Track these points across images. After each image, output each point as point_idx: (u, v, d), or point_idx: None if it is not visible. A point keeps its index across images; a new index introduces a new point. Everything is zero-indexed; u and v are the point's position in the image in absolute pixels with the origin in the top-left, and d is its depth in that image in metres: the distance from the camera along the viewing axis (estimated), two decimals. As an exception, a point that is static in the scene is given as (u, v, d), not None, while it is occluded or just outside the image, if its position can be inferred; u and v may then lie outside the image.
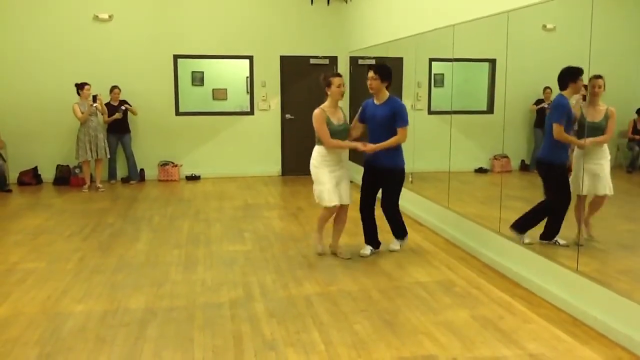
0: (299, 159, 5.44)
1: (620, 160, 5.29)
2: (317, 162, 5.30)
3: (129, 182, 9.85)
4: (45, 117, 9.67)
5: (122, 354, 3.52)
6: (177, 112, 10.27)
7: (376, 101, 5.36)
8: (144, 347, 3.60)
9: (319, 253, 5.58)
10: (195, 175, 10.27)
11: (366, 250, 5.55)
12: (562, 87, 4.73)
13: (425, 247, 5.86)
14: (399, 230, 5.70)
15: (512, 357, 3.47)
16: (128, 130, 9.77)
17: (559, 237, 4.79)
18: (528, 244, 4.86)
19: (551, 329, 3.87)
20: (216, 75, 11.47)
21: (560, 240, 4.78)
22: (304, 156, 5.42)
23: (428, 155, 7.25)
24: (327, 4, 10.38)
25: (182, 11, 10.02)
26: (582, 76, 4.53)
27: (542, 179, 5.01)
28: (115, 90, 9.53)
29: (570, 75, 4.62)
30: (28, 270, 5.09)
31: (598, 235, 4.80)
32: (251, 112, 10.58)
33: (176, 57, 10.12)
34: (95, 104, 9.02)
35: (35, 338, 3.72)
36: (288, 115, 10.54)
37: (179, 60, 10.18)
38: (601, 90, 4.61)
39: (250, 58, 10.40)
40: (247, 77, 10.77)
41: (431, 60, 7.64)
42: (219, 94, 11.45)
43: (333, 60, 10.54)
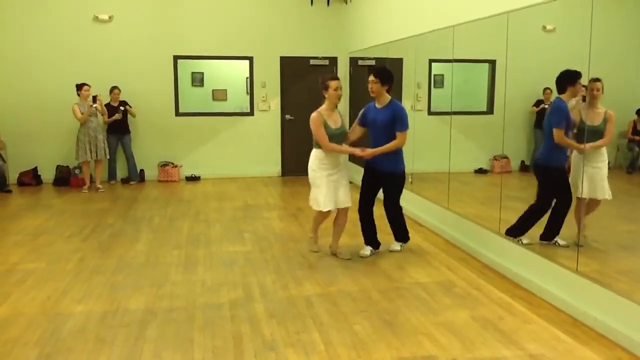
0: (299, 159, 5.43)
1: (620, 161, 5.29)
2: (315, 165, 5.29)
3: (129, 182, 9.85)
4: (45, 118, 9.67)
5: (122, 355, 3.52)
6: (177, 113, 10.27)
7: (377, 105, 5.36)
8: (143, 347, 3.61)
9: (314, 251, 5.62)
10: (195, 176, 10.28)
11: (366, 250, 5.55)
12: (560, 91, 4.72)
13: (425, 248, 5.86)
14: (401, 234, 5.70)
15: (512, 357, 3.47)
16: (128, 130, 9.78)
17: (559, 238, 4.80)
18: (527, 245, 4.86)
19: (551, 329, 3.88)
20: (216, 76, 11.47)
21: (560, 241, 4.78)
22: (303, 157, 5.42)
23: (428, 156, 7.25)
24: (327, 5, 10.39)
25: (182, 12, 10.03)
26: (580, 79, 4.52)
27: (538, 181, 5.01)
28: (115, 90, 9.53)
29: (569, 79, 4.61)
30: (28, 271, 5.09)
31: (597, 236, 4.80)
32: (251, 113, 10.58)
33: (176, 58, 10.12)
34: (95, 105, 9.02)
35: (35, 338, 3.72)
36: (288, 116, 10.54)
37: (179, 61, 10.19)
38: (599, 93, 4.59)
39: (250, 59, 10.41)
40: (247, 78, 10.77)
41: (431, 61, 7.64)
42: (218, 94, 11.45)
43: (333, 61, 10.54)
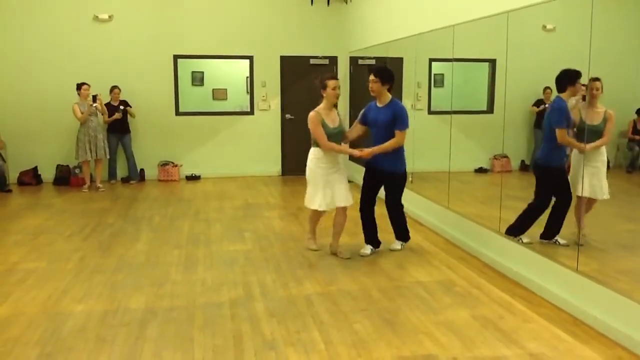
0: (299, 159, 5.43)
1: (620, 161, 5.29)
2: (312, 164, 5.30)
3: (129, 182, 9.85)
4: (45, 117, 9.67)
5: (122, 354, 3.52)
6: (177, 112, 10.27)
7: (378, 104, 5.37)
8: (144, 346, 3.61)
9: (313, 249, 5.63)
10: (195, 175, 10.27)
11: (366, 249, 5.56)
12: (560, 90, 4.72)
13: (426, 247, 5.86)
14: (402, 233, 5.70)
15: (513, 356, 3.48)
16: (128, 130, 9.78)
17: (559, 237, 4.80)
18: (528, 244, 4.86)
19: (551, 328, 3.88)
20: (216, 75, 11.47)
21: (561, 240, 4.79)
22: (303, 156, 5.42)
23: (428, 155, 7.25)
24: (327, 4, 10.38)
25: (182, 11, 10.02)
26: (580, 79, 4.52)
27: (536, 180, 5.01)
28: (115, 90, 9.53)
29: (569, 78, 4.61)
30: (28, 270, 5.09)
31: (597, 236, 4.80)
32: (251, 112, 10.58)
33: (176, 57, 10.12)
34: (95, 104, 9.02)
35: (35, 338, 3.72)
36: (288, 115, 10.54)
37: (179, 60, 10.18)
38: (599, 92, 4.59)
39: (251, 58, 10.40)
40: (247, 77, 10.77)
41: (431, 60, 7.64)
42: (219, 94, 11.44)
43: (333, 60, 10.54)
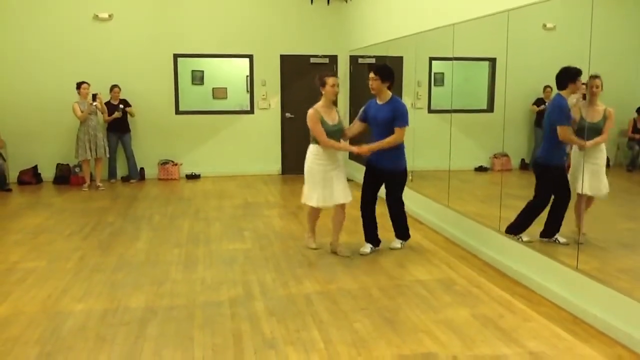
0: (299, 157, 5.43)
1: (620, 159, 5.29)
2: (310, 161, 5.31)
3: (129, 181, 9.84)
4: (45, 117, 9.66)
5: (122, 353, 3.52)
6: (177, 111, 10.26)
7: (378, 101, 5.37)
8: (144, 345, 3.61)
9: (313, 248, 5.62)
10: (195, 174, 10.27)
11: (366, 248, 5.55)
12: (560, 87, 4.71)
13: (426, 246, 5.86)
14: (402, 232, 5.70)
15: (512, 355, 3.48)
16: (128, 129, 9.77)
17: (559, 235, 4.80)
18: (527, 242, 4.86)
19: (551, 327, 3.88)
20: (216, 74, 11.46)
21: (560, 238, 4.78)
22: (303, 155, 5.41)
23: (428, 154, 7.25)
24: (327, 3, 10.37)
25: (182, 10, 10.01)
26: (581, 76, 4.52)
27: (536, 178, 5.00)
28: (115, 89, 9.53)
29: (570, 76, 4.60)
30: (28, 270, 5.09)
31: (598, 234, 4.80)
32: (251, 111, 10.57)
33: (176, 56, 10.11)
34: (95, 103, 9.02)
35: (35, 337, 3.73)
36: (288, 114, 10.53)
37: (179, 59, 10.17)
38: (599, 90, 4.60)
39: (250, 57, 10.39)
40: (247, 76, 10.76)
41: (431, 59, 7.64)
42: (219, 92, 11.44)
43: (333, 59, 10.53)
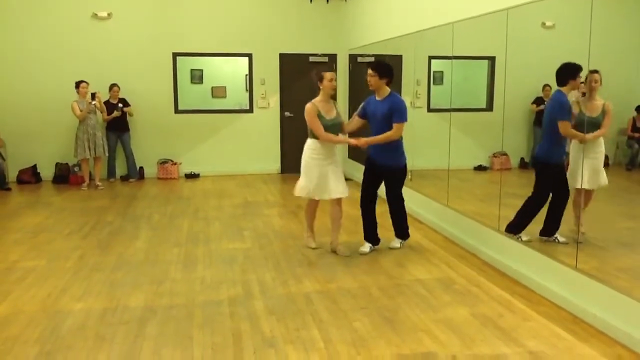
0: (298, 156, 5.42)
1: (619, 158, 5.29)
2: (307, 155, 5.32)
3: (128, 180, 9.83)
4: (45, 116, 9.65)
5: (121, 352, 3.52)
6: (177, 110, 10.25)
7: (377, 97, 5.37)
8: (143, 345, 3.61)
9: (312, 247, 5.62)
10: (194, 173, 10.27)
11: (365, 247, 5.55)
12: (560, 84, 4.71)
13: (425, 245, 5.86)
14: (401, 230, 5.70)
15: (512, 354, 3.48)
16: (127, 128, 9.77)
17: (559, 234, 4.80)
18: (527, 242, 4.86)
19: (551, 326, 3.88)
20: (215, 73, 11.46)
21: (560, 237, 4.79)
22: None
23: (427, 153, 7.25)
24: (327, 2, 10.36)
25: (182, 9, 10.00)
26: (581, 73, 4.53)
27: (535, 176, 5.01)
28: (114, 88, 9.52)
29: (570, 72, 4.60)
30: (28, 269, 5.09)
31: (597, 233, 4.79)
32: (250, 110, 10.57)
33: (175, 55, 10.10)
34: (94, 102, 9.01)
35: (35, 336, 3.72)
36: (287, 113, 10.52)
37: (178, 58, 10.16)
38: (598, 84, 4.61)
39: (250, 56, 10.38)
40: (246, 75, 10.75)
41: (430, 57, 7.63)
42: (218, 91, 11.44)
43: (332, 58, 10.52)
